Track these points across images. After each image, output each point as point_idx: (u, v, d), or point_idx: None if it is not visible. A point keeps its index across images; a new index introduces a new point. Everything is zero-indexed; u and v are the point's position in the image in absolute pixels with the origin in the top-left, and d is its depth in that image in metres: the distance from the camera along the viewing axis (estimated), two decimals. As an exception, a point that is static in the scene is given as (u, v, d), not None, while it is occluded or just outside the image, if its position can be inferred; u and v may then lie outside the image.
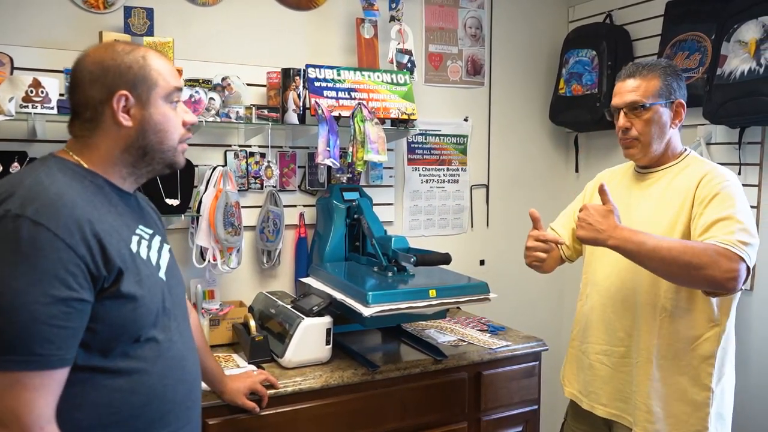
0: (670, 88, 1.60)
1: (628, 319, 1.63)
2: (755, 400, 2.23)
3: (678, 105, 1.61)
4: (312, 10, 2.42)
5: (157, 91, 1.16)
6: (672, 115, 1.61)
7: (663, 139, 1.62)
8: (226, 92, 2.10)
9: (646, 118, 1.59)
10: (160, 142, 1.18)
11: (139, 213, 1.24)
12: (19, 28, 1.95)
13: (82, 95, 1.14)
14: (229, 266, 2.13)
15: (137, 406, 1.10)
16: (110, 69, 1.13)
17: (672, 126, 1.62)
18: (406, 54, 2.45)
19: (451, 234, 2.79)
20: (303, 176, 2.41)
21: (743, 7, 2.07)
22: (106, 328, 1.06)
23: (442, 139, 2.73)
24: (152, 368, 1.13)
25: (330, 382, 1.81)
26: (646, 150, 1.63)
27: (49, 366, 0.98)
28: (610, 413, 1.68)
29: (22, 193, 1.02)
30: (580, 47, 2.70)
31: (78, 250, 1.01)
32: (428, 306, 1.80)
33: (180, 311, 1.25)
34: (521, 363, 2.14)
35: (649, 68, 1.61)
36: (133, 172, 1.19)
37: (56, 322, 0.98)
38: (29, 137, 1.94)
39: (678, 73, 1.63)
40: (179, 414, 1.19)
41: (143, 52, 1.17)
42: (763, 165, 2.21)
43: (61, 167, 1.11)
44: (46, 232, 0.98)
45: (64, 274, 0.99)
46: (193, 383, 1.25)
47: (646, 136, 1.60)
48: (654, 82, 1.59)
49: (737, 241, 1.42)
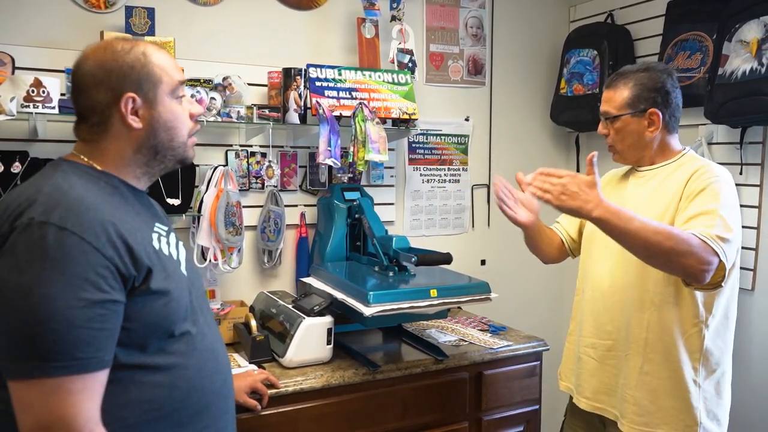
0: (641, 98, 1.60)
1: (616, 313, 1.65)
2: (755, 400, 2.23)
3: (651, 114, 1.60)
4: (313, 9, 2.42)
5: (163, 87, 1.16)
6: (646, 124, 1.61)
7: (642, 146, 1.64)
8: (227, 92, 2.11)
9: (616, 127, 1.64)
10: (171, 139, 1.18)
11: (153, 210, 1.25)
12: (20, 27, 1.95)
13: (88, 100, 1.13)
14: (230, 266, 2.13)
15: (178, 399, 1.12)
16: (113, 71, 1.12)
17: (648, 134, 1.62)
18: (407, 54, 2.45)
19: (452, 234, 2.79)
20: (304, 176, 2.41)
21: (744, 6, 2.07)
22: (141, 326, 1.07)
23: (444, 139, 2.73)
24: (189, 361, 1.14)
25: (331, 382, 1.81)
26: (624, 156, 1.69)
27: (89, 369, 0.99)
28: (593, 406, 1.71)
29: (43, 200, 1.02)
30: (581, 47, 2.69)
31: (106, 252, 1.01)
32: (429, 306, 1.80)
33: (204, 304, 1.27)
34: (522, 363, 2.13)
35: (624, 79, 1.63)
36: (146, 171, 1.20)
37: (92, 325, 0.98)
38: (31, 137, 1.94)
39: (658, 83, 1.61)
40: (219, 404, 1.21)
41: (142, 48, 1.15)
42: (765, 165, 2.20)
43: (76, 171, 1.11)
44: (72, 237, 0.99)
45: (95, 277, 0.99)
46: (227, 373, 1.27)
47: (619, 143, 1.66)
48: (624, 93, 1.62)
49: (715, 236, 1.43)
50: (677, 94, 1.64)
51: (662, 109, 1.61)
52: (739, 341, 2.26)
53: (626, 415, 1.62)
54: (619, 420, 1.65)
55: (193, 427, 1.15)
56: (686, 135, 2.43)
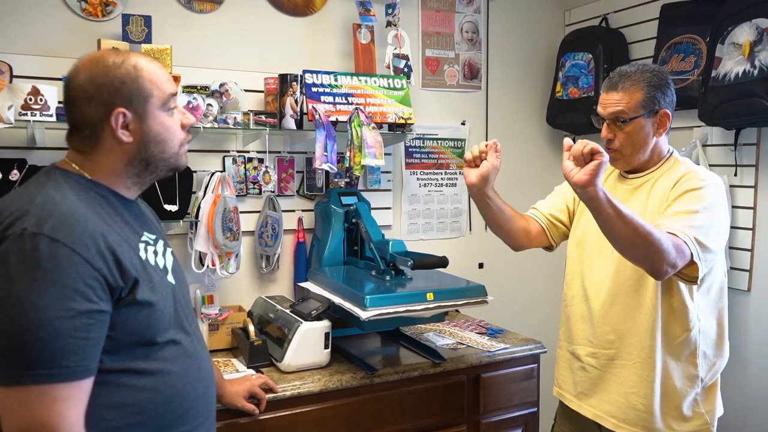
0: (654, 99, 1.58)
1: (619, 322, 1.64)
2: (752, 401, 2.24)
3: (662, 115, 1.59)
4: (309, 15, 2.43)
5: (153, 101, 1.16)
6: (656, 125, 1.60)
7: (646, 149, 1.62)
8: (223, 98, 2.12)
9: (628, 130, 1.59)
10: (162, 151, 1.19)
11: (142, 219, 1.26)
12: (17, 36, 1.97)
13: (79, 113, 1.14)
14: (228, 271, 2.13)
15: (161, 404, 1.14)
16: (104, 86, 1.12)
17: (656, 135, 1.61)
18: (403, 59, 2.46)
19: (450, 237, 2.79)
20: (301, 181, 2.42)
21: (737, 9, 2.08)
22: (125, 335, 1.09)
23: (440, 143, 2.74)
24: (173, 368, 1.16)
25: (329, 386, 1.81)
26: (628, 160, 1.64)
27: (75, 377, 1.01)
28: (595, 414, 1.70)
29: (36, 210, 1.03)
30: (576, 50, 2.71)
31: (95, 263, 1.03)
32: (426, 309, 1.80)
33: (189, 311, 1.29)
34: (520, 365, 2.14)
35: (633, 80, 1.59)
36: (137, 181, 1.22)
37: (79, 334, 1.00)
38: (29, 144, 1.95)
39: (663, 82, 1.60)
40: (200, 410, 1.23)
41: (134, 61, 1.16)
42: (759, 166, 2.22)
43: (67, 179, 1.13)
44: (63, 248, 1.00)
45: (84, 288, 1.01)
46: (210, 380, 1.28)
47: (627, 148, 1.61)
48: (637, 94, 1.58)
49: (694, 238, 1.44)
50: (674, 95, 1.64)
51: (670, 109, 1.60)
52: (735, 342, 2.27)
53: (637, 423, 1.62)
54: (632, 426, 1.63)
55: (175, 431, 1.16)
56: (681, 137, 2.45)
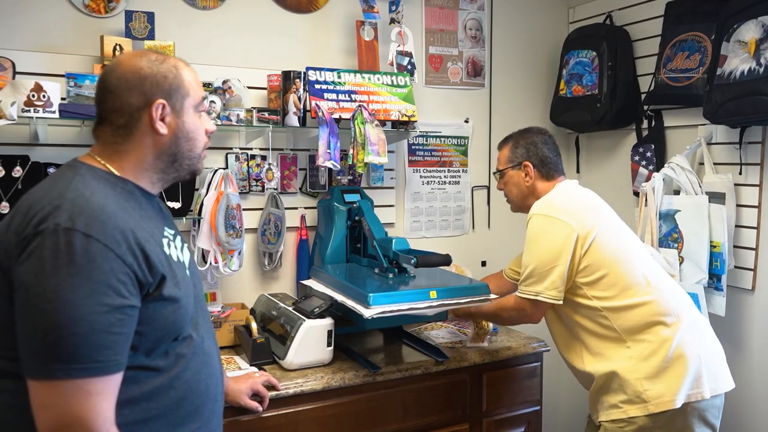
0: (516, 154, 1.96)
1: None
2: (757, 398, 2.23)
3: (524, 166, 1.94)
4: (312, 12, 2.43)
5: (189, 100, 1.22)
6: (524, 174, 1.95)
7: (527, 194, 1.95)
8: (226, 95, 2.11)
9: (504, 181, 2.02)
10: (190, 149, 1.23)
11: (163, 214, 1.29)
12: (20, 32, 1.96)
13: (117, 101, 1.16)
14: (231, 268, 2.13)
15: (175, 400, 1.16)
16: (148, 77, 1.17)
17: (527, 182, 1.94)
18: (406, 56, 2.45)
19: (453, 235, 2.79)
20: (304, 178, 2.41)
21: (743, 6, 2.07)
22: (152, 330, 1.10)
23: (443, 141, 2.74)
24: (188, 364, 1.18)
25: (331, 384, 1.81)
26: (515, 205, 2.03)
27: (108, 371, 1.03)
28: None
29: (68, 206, 1.04)
30: (580, 48, 2.70)
31: (126, 259, 1.05)
32: (429, 307, 1.80)
33: (204, 308, 1.31)
34: (523, 364, 2.14)
35: (505, 141, 2.03)
36: (162, 177, 1.24)
37: (113, 329, 1.02)
38: (31, 141, 1.95)
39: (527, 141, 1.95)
40: (211, 406, 1.25)
41: (174, 62, 1.22)
42: (764, 164, 2.20)
43: (94, 175, 1.14)
44: (96, 244, 1.02)
45: (116, 283, 1.03)
46: (220, 377, 1.31)
47: (509, 194, 2.02)
48: (504, 152, 2.01)
49: (530, 291, 1.78)
50: (548, 148, 1.94)
51: (533, 160, 1.93)
52: (739, 341, 2.26)
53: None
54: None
55: (187, 428, 1.18)
56: (685, 135, 2.44)
